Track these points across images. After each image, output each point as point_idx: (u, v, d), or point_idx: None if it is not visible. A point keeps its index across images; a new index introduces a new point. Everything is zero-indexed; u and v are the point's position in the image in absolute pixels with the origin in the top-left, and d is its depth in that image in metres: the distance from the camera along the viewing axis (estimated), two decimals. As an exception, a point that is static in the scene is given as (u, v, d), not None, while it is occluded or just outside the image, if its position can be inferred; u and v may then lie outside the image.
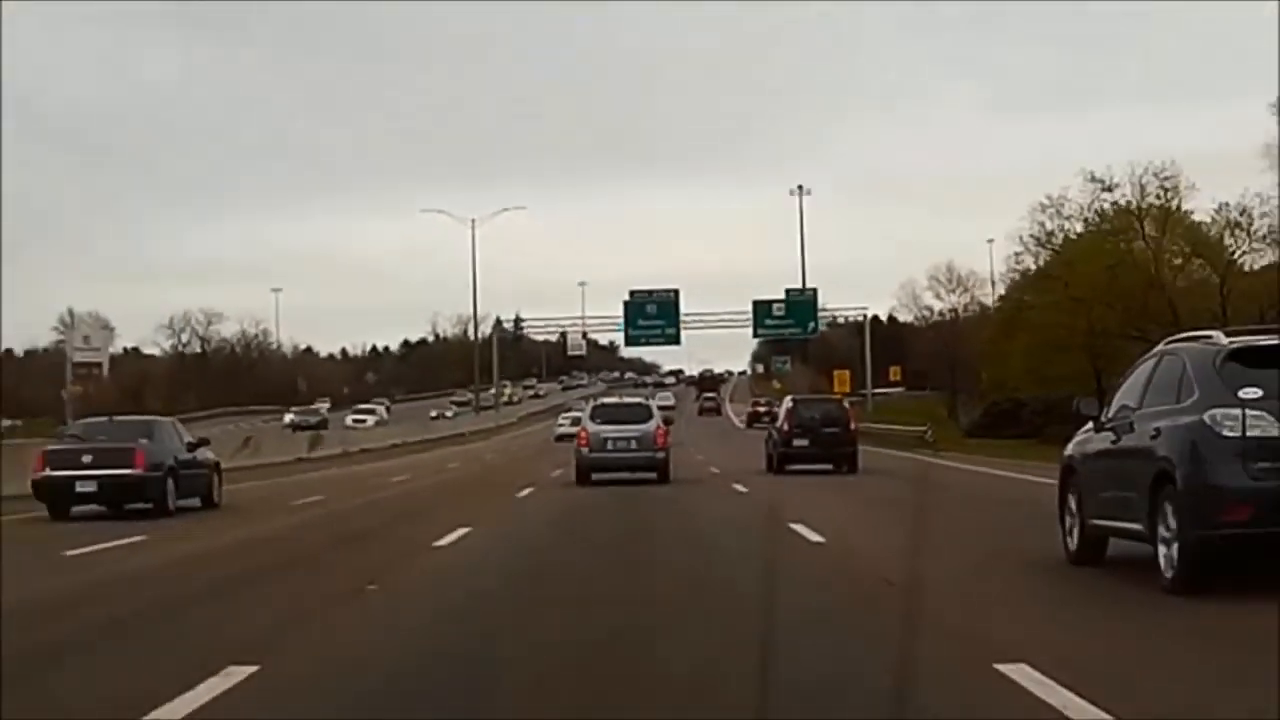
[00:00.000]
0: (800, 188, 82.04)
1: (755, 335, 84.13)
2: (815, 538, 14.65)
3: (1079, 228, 48.34)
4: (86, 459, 23.00)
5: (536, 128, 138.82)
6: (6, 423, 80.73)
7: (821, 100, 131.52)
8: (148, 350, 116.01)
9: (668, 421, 35.43)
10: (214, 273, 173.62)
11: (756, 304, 74.98)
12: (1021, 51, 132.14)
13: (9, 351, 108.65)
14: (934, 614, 8.39)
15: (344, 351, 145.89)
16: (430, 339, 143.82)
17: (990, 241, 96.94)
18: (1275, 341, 10.41)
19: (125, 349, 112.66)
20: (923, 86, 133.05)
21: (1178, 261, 45.73)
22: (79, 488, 22.75)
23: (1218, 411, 9.48)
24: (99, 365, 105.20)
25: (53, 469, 23.14)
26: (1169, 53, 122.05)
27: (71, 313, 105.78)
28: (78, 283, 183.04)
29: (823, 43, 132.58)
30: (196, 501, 24.70)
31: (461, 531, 16.35)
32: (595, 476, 28.97)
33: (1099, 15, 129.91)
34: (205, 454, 26.40)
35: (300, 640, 8.44)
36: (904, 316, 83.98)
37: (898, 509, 19.38)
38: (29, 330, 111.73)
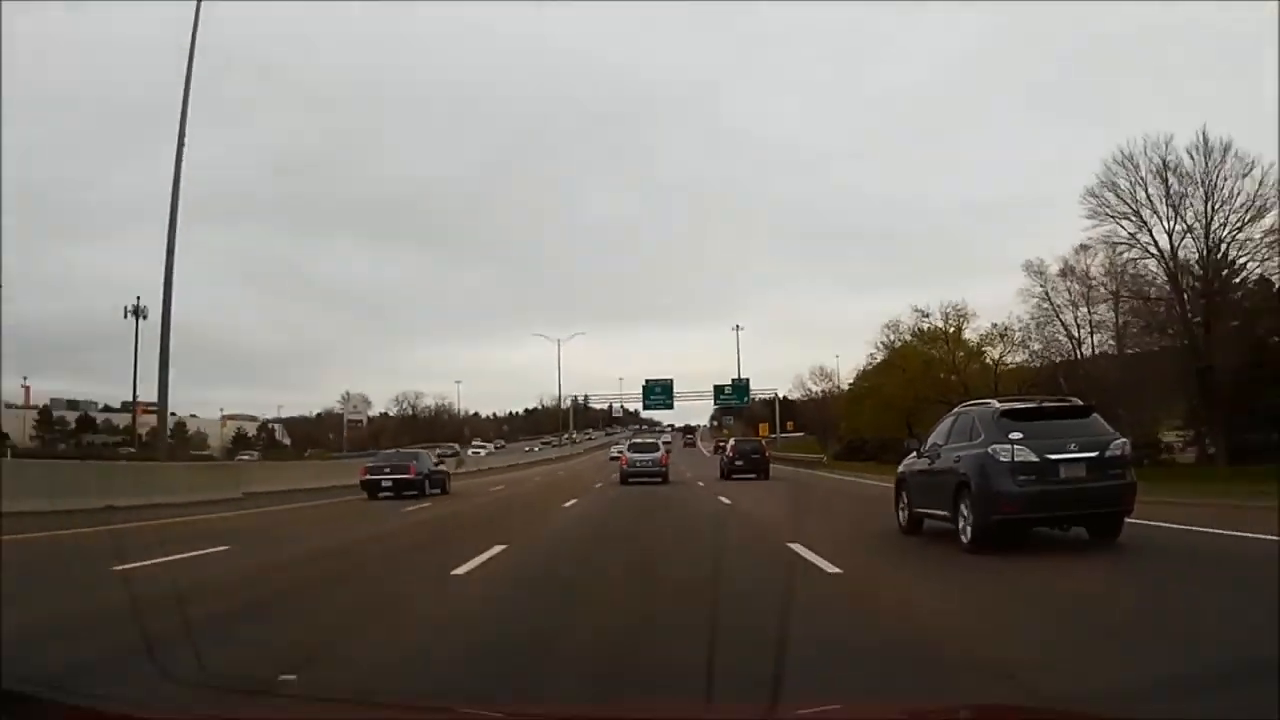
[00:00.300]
0: (738, 326, 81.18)
1: (715, 404, 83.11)
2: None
3: (908, 338, 47.19)
4: (386, 470, 24.72)
5: (597, 295, 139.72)
6: (309, 451, 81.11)
7: (748, 282, 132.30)
8: (392, 413, 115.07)
9: (668, 451, 35.19)
10: (422, 373, 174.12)
11: (715, 387, 74.24)
12: (856, 251, 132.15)
13: (319, 415, 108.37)
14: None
15: (494, 414, 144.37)
16: (538, 407, 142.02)
17: (838, 356, 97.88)
18: (1027, 405, 10.05)
19: (377, 413, 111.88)
20: (804, 273, 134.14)
21: (961, 356, 44.66)
22: (382, 484, 24.22)
23: (996, 446, 9.07)
24: (361, 421, 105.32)
25: (369, 474, 24.75)
26: (950, 252, 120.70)
27: (348, 392, 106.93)
28: (352, 377, 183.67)
29: (748, 247, 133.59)
30: (439, 491, 25.52)
31: (496, 549, 9.55)
32: (629, 480, 28.85)
33: (907, 239, 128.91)
34: (442, 467, 27.95)
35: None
36: (795, 395, 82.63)
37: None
38: (324, 401, 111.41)
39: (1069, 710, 2.49)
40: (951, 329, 44.94)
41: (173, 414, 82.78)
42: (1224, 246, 29.78)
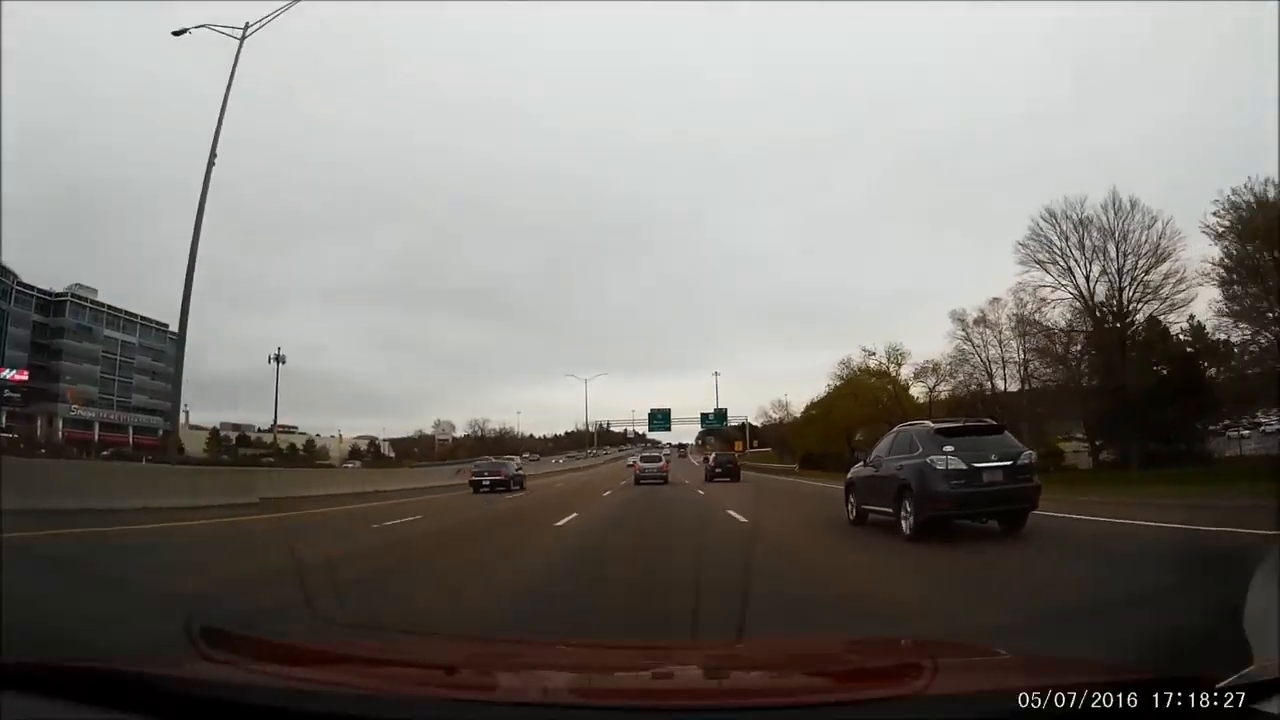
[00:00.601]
0: (716, 373, 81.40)
1: (701, 427, 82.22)
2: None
3: (857, 371, 44.29)
4: (485, 472, 24.92)
5: (615, 349, 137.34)
6: (411, 462, 79.60)
7: (724, 341, 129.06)
8: (468, 434, 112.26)
9: (668, 461, 34.99)
10: (492, 406, 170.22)
11: (701, 414, 73.32)
12: (799, 321, 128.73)
13: (418, 434, 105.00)
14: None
15: (545, 435, 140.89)
16: (575, 429, 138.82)
17: (786, 394, 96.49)
18: (954, 424, 9.24)
19: (460, 434, 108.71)
20: (762, 335, 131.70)
21: (898, 386, 42.21)
22: (483, 482, 24.11)
23: (932, 456, 8.38)
24: (447, 440, 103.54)
25: (473, 476, 24.76)
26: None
27: (438, 419, 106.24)
28: (444, 408, 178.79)
29: (724, 316, 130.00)
30: (520, 489, 24.59)
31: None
32: (641, 481, 28.47)
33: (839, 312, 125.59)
34: (522, 472, 27.37)
35: None
36: (758, 420, 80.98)
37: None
38: (420, 426, 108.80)
39: (973, 644, 2.42)
40: (892, 366, 42.84)
41: (315, 435, 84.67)
42: (1130, 287, 27.12)
